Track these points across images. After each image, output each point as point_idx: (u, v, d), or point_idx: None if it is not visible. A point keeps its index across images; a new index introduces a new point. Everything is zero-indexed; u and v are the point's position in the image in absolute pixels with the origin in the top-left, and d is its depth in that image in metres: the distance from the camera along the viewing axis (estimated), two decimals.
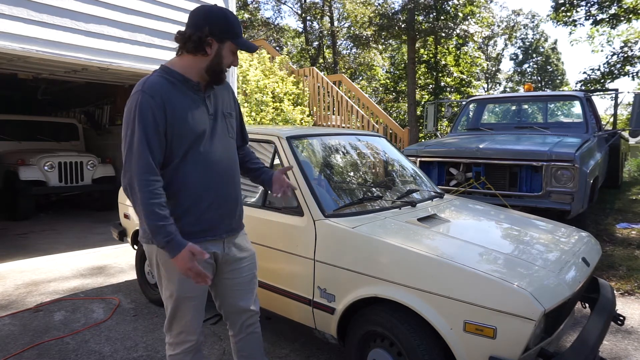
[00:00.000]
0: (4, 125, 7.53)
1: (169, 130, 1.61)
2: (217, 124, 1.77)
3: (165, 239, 1.55)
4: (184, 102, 1.66)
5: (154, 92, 1.59)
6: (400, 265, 1.94)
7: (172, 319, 1.78)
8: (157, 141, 1.58)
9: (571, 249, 2.26)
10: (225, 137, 1.79)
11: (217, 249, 1.78)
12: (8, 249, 5.07)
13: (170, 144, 1.63)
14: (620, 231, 5.30)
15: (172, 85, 1.65)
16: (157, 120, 1.57)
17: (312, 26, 23.33)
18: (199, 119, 1.69)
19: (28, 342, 2.84)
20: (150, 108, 1.56)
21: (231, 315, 1.94)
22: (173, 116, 1.61)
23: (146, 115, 1.56)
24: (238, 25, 1.69)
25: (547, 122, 6.39)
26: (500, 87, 36.43)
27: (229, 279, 1.87)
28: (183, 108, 1.65)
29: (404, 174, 3.25)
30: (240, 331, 1.95)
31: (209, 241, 1.75)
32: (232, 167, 1.82)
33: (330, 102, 9.78)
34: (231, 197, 1.80)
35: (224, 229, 1.79)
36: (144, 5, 5.21)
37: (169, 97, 1.62)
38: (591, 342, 1.89)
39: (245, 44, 1.70)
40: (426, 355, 1.82)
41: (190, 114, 1.66)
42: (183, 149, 1.65)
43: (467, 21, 14.24)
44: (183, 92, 1.67)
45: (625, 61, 13.90)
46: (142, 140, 1.55)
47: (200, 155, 1.69)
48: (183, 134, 1.64)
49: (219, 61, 1.68)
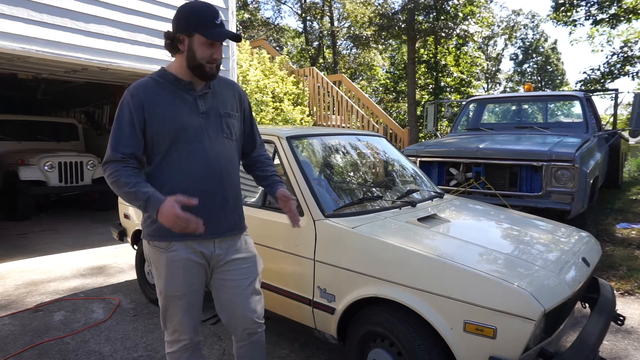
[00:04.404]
0: (4, 125, 7.53)
1: (148, 127, 1.66)
2: (210, 123, 1.73)
3: (142, 199, 1.55)
4: (168, 98, 1.68)
5: (135, 92, 1.66)
6: (401, 265, 1.93)
7: (164, 317, 1.78)
8: (132, 134, 1.64)
9: (571, 249, 2.26)
10: (218, 137, 1.75)
11: (204, 249, 1.73)
12: (8, 249, 5.07)
13: (151, 141, 1.68)
14: (620, 231, 5.30)
15: (159, 86, 1.70)
16: (133, 117, 1.64)
17: (312, 26, 23.35)
18: (182, 117, 1.68)
19: (28, 342, 2.84)
20: (129, 106, 1.65)
21: (230, 322, 1.84)
22: (151, 114, 1.66)
23: (124, 112, 1.65)
24: (207, 17, 1.63)
25: (547, 122, 6.39)
26: (500, 87, 36.46)
27: (223, 279, 1.80)
28: (165, 107, 1.67)
29: (404, 174, 3.25)
30: (242, 338, 1.85)
31: (195, 240, 1.71)
32: (224, 167, 1.75)
33: (330, 102, 9.78)
34: (219, 198, 1.74)
35: (210, 230, 1.69)
36: (144, 5, 5.21)
37: (150, 96, 1.67)
38: (591, 342, 1.89)
39: (212, 34, 1.63)
40: (426, 355, 1.82)
41: (173, 112, 1.67)
42: (164, 147, 1.68)
43: (467, 21, 14.24)
44: (171, 91, 1.70)
45: (625, 61, 13.91)
46: (115, 132, 1.65)
47: (185, 154, 1.68)
48: (162, 131, 1.67)
49: (192, 56, 1.66)
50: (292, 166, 2.43)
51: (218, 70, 1.73)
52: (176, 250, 1.70)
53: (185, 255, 1.70)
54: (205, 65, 1.67)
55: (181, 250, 1.70)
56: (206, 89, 1.76)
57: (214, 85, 1.80)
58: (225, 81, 1.89)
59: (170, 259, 1.70)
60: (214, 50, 1.66)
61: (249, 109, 1.95)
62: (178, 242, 1.70)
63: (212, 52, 1.66)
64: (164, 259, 1.71)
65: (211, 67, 1.68)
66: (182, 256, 1.70)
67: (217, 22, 1.65)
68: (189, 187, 1.67)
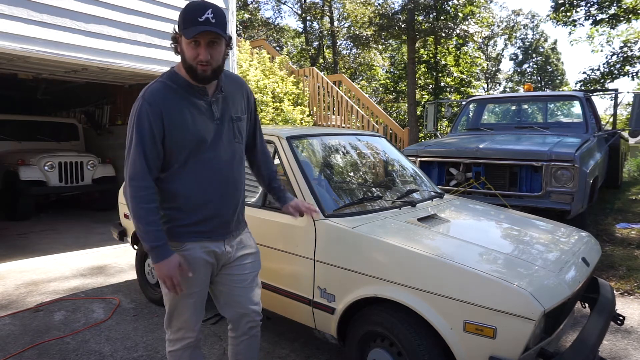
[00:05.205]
0: (4, 125, 7.53)
1: (167, 138, 1.62)
2: (223, 129, 1.72)
3: (151, 244, 1.60)
4: (185, 109, 1.64)
5: (152, 100, 1.60)
6: (400, 265, 1.94)
7: (171, 315, 1.79)
8: (153, 149, 1.60)
9: (571, 249, 2.26)
10: (230, 143, 1.75)
11: (216, 248, 1.78)
12: (8, 249, 5.07)
13: (169, 151, 1.64)
14: (620, 231, 5.30)
15: (173, 92, 1.64)
16: (153, 128, 1.59)
17: (312, 26, 23.35)
18: (200, 126, 1.66)
19: (28, 342, 2.84)
20: (148, 116, 1.58)
21: (235, 315, 1.89)
22: (171, 124, 1.61)
23: (143, 124, 1.58)
24: (190, 14, 1.53)
25: (547, 122, 6.39)
26: (500, 87, 36.44)
27: (230, 275, 1.85)
28: (182, 116, 1.63)
29: (404, 174, 3.25)
30: (242, 333, 1.91)
31: (207, 240, 1.75)
32: (235, 172, 1.79)
33: (330, 102, 9.78)
34: (232, 203, 1.79)
35: (222, 232, 1.78)
36: (144, 5, 5.21)
37: (167, 105, 1.61)
38: (591, 342, 1.90)
39: (189, 32, 1.51)
40: (426, 355, 1.83)
41: (191, 122, 1.64)
42: (183, 156, 1.66)
43: (467, 21, 14.25)
44: (185, 98, 1.65)
45: (625, 61, 13.90)
46: (137, 148, 1.59)
47: (201, 162, 1.68)
48: (182, 142, 1.63)
49: (183, 57, 1.60)
50: (292, 166, 2.43)
51: (215, 73, 1.62)
52: (189, 249, 1.72)
53: (198, 254, 1.73)
54: (196, 67, 1.58)
55: (194, 250, 1.73)
56: (218, 92, 1.72)
57: (224, 86, 1.74)
58: (234, 80, 1.83)
59: (184, 258, 1.71)
60: (199, 50, 1.55)
61: (254, 106, 1.94)
62: (191, 242, 1.72)
63: (197, 53, 1.56)
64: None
65: (203, 69, 1.58)
66: (195, 255, 1.73)
67: (201, 19, 1.51)
68: (203, 194, 1.71)
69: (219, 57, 1.61)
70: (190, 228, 1.71)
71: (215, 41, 1.58)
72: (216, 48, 1.59)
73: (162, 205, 1.69)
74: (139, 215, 1.59)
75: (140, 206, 1.58)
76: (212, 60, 1.58)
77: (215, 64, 1.60)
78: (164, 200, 1.69)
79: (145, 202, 1.59)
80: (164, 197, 1.69)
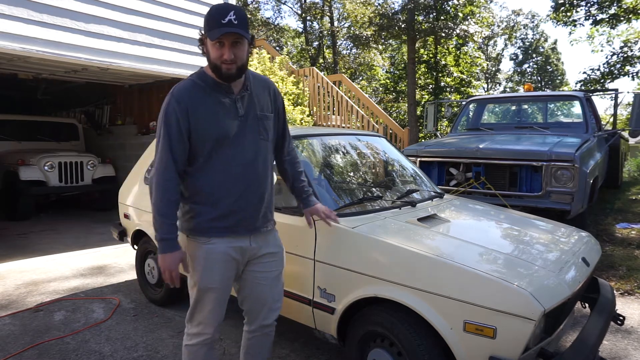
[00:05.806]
0: (4, 125, 7.53)
1: (192, 133, 1.70)
2: (247, 126, 1.78)
3: (162, 235, 1.69)
4: (211, 105, 1.72)
5: (180, 97, 1.69)
6: (400, 265, 1.94)
7: (193, 309, 1.84)
8: (180, 143, 1.69)
9: (571, 249, 2.26)
10: (255, 139, 1.80)
11: (242, 243, 1.81)
12: (8, 249, 5.07)
13: (194, 146, 1.72)
14: (620, 231, 5.30)
15: (201, 90, 1.72)
16: (180, 124, 1.68)
17: (312, 26, 23.35)
18: (224, 122, 1.72)
19: (28, 342, 2.84)
20: (175, 112, 1.68)
21: (253, 309, 1.94)
22: (196, 120, 1.69)
23: (170, 119, 1.68)
24: (214, 17, 1.61)
25: (547, 122, 6.38)
26: (500, 87, 36.45)
27: (255, 271, 1.89)
28: (207, 112, 1.71)
29: (404, 174, 3.25)
30: (257, 329, 1.95)
31: (233, 235, 1.79)
32: (260, 169, 1.82)
33: (330, 102, 9.78)
34: (255, 199, 1.81)
35: (247, 227, 1.81)
36: (144, 5, 5.22)
37: (194, 101, 1.70)
38: (591, 342, 1.90)
39: (214, 34, 1.61)
40: (426, 355, 1.83)
41: (215, 118, 1.72)
42: (207, 151, 1.72)
43: (467, 21, 14.25)
44: (212, 95, 1.73)
45: (625, 61, 13.91)
46: (165, 143, 1.69)
47: (225, 157, 1.74)
48: (206, 137, 1.71)
49: (209, 57, 1.70)
50: None
51: (240, 71, 1.70)
52: (215, 243, 1.76)
53: (224, 249, 1.77)
54: (220, 66, 1.67)
55: (220, 244, 1.77)
56: (244, 91, 1.78)
57: (251, 85, 1.81)
58: (261, 80, 1.89)
59: (209, 251, 1.76)
60: (223, 50, 1.64)
61: (282, 107, 1.98)
62: (217, 237, 1.76)
63: (221, 53, 1.64)
64: (203, 250, 1.77)
65: (228, 67, 1.66)
66: (221, 250, 1.77)
67: (224, 21, 1.60)
68: (227, 189, 1.75)
69: (242, 55, 1.69)
70: (214, 223, 1.76)
71: (239, 41, 1.66)
72: (239, 47, 1.67)
73: (189, 200, 1.78)
74: (158, 206, 1.68)
75: (161, 196, 1.68)
76: (237, 59, 1.67)
77: (240, 62, 1.68)
78: (190, 195, 1.77)
79: (167, 193, 1.68)
80: (191, 192, 1.77)
